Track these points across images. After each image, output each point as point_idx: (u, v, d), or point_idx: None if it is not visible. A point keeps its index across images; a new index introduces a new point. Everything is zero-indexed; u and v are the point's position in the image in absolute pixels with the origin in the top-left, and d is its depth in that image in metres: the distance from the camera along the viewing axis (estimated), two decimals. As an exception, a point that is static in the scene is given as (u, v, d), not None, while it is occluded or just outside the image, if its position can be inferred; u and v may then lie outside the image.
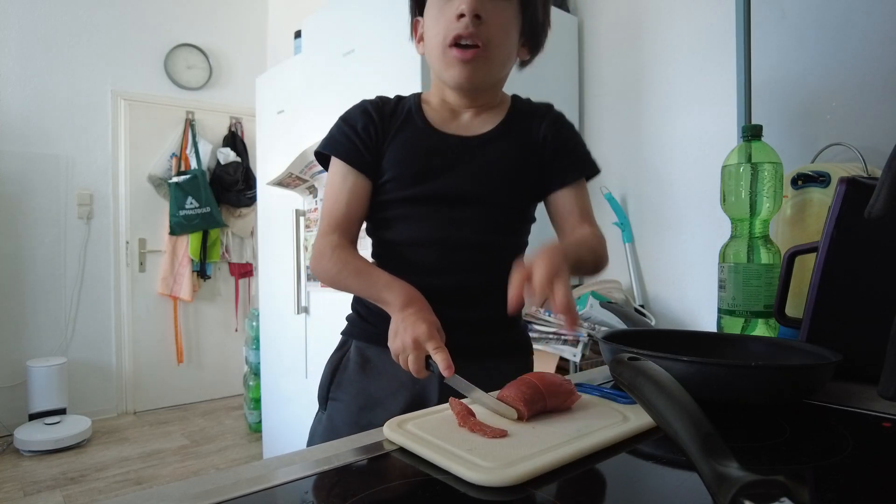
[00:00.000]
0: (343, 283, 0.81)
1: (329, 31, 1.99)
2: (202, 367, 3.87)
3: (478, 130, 0.86)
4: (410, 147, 0.84)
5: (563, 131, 0.90)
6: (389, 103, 0.88)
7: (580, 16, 1.94)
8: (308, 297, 2.19)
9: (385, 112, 0.86)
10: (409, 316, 0.70)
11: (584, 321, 1.51)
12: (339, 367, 0.88)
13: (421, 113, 0.87)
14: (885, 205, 0.56)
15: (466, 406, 0.55)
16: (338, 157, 0.84)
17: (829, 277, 0.76)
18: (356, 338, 0.88)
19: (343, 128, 0.86)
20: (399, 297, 0.73)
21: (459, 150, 0.84)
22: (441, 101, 0.87)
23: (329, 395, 0.88)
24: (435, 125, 0.85)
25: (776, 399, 0.61)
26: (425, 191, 0.82)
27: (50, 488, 2.50)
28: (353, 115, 0.86)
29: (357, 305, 0.91)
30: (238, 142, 3.92)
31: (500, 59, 0.82)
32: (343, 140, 0.85)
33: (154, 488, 0.42)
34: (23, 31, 3.24)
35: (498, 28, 0.79)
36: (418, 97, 0.90)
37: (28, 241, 3.28)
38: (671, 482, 0.45)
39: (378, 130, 0.84)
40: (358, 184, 0.84)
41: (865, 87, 1.10)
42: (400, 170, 0.83)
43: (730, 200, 0.96)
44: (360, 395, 0.84)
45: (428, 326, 0.67)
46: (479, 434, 0.50)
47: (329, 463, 0.47)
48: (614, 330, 0.86)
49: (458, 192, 0.82)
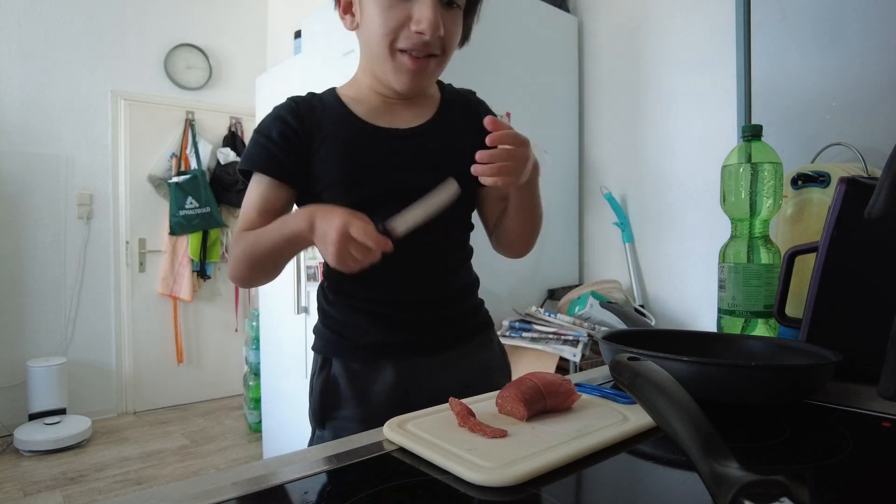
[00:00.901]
0: (252, 256, 0.75)
1: (329, 31, 1.99)
2: (202, 367, 3.87)
3: (415, 121, 0.82)
4: (344, 146, 0.78)
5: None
6: (304, 103, 0.82)
7: (580, 16, 1.94)
8: (308, 298, 2.19)
9: (301, 112, 0.80)
10: (319, 223, 0.66)
11: (584, 321, 1.51)
12: (328, 389, 0.84)
13: (348, 109, 0.81)
14: (885, 205, 0.56)
15: (466, 406, 0.55)
16: (255, 170, 0.79)
17: (829, 277, 0.76)
18: (335, 355, 0.84)
19: (259, 140, 0.80)
20: (301, 219, 0.69)
21: (397, 144, 0.80)
22: (371, 92, 0.82)
23: (326, 416, 0.84)
24: (365, 119, 0.80)
25: (776, 399, 0.61)
26: (368, 191, 0.77)
27: (50, 488, 2.50)
28: (267, 125, 0.80)
29: (326, 320, 0.86)
30: (238, 142, 3.91)
31: (446, 63, 0.80)
32: (258, 151, 0.79)
33: (154, 488, 0.42)
34: (23, 31, 3.24)
35: (452, 36, 0.76)
36: (334, 92, 0.84)
37: (28, 241, 3.28)
38: (671, 482, 0.45)
39: (297, 133, 0.78)
40: (270, 189, 0.78)
41: (865, 87, 1.10)
42: (336, 172, 0.78)
43: (730, 200, 0.96)
44: (360, 407, 0.82)
45: (340, 215, 0.63)
46: (478, 434, 0.50)
47: (329, 463, 0.47)
48: (614, 330, 0.86)
49: (404, 187, 0.75)
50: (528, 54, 1.81)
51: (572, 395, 0.59)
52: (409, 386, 0.82)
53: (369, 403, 0.82)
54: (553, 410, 0.57)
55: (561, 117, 1.92)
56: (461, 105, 0.88)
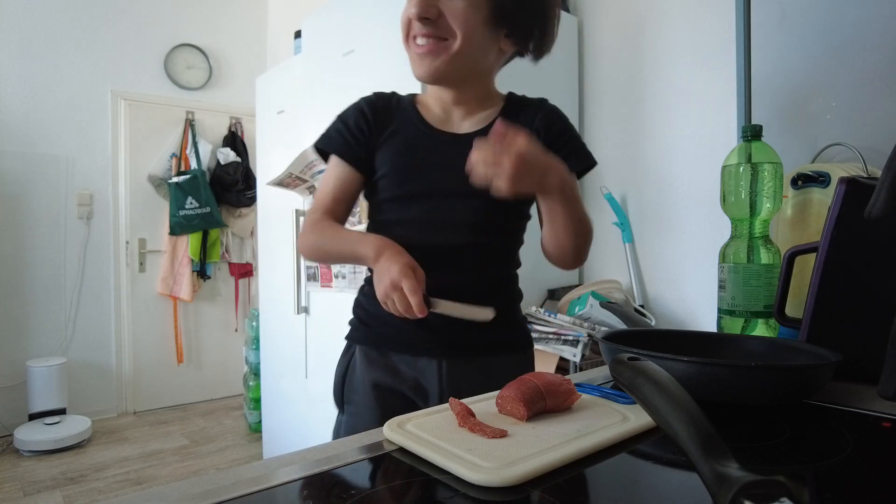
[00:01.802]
0: (323, 250, 0.85)
1: (329, 31, 1.99)
2: (202, 367, 3.87)
3: (472, 128, 0.87)
4: (404, 144, 0.86)
5: (557, 123, 0.89)
6: (384, 99, 0.90)
7: (580, 16, 1.94)
8: (308, 297, 2.19)
9: (378, 108, 0.88)
10: (383, 262, 0.73)
11: (584, 321, 1.51)
12: (349, 371, 0.91)
13: (416, 111, 0.88)
14: (885, 205, 0.56)
15: (466, 406, 0.55)
16: (329, 151, 0.88)
17: (829, 277, 0.76)
18: (359, 342, 0.91)
19: (337, 124, 0.89)
20: (372, 248, 0.76)
21: (452, 148, 0.83)
22: (435, 99, 0.89)
23: (344, 399, 0.92)
24: (428, 122, 0.87)
25: (776, 399, 0.61)
26: (415, 187, 0.84)
27: (50, 488, 2.50)
28: (348, 112, 0.89)
29: (358, 310, 0.93)
30: (238, 142, 3.92)
31: (468, 50, 0.79)
32: (335, 135, 0.88)
33: (154, 488, 0.42)
34: (23, 31, 3.24)
35: (458, 19, 0.77)
36: (414, 96, 0.91)
37: (28, 241, 3.28)
38: (671, 482, 0.45)
39: (371, 126, 0.86)
40: (345, 173, 0.87)
41: (865, 87, 1.10)
42: (392, 166, 0.85)
43: (730, 200, 0.96)
44: (371, 394, 0.87)
45: (401, 267, 0.70)
46: (478, 434, 0.50)
47: (329, 463, 0.47)
48: (614, 330, 0.86)
49: (452, 188, 0.82)
50: (528, 54, 1.81)
51: (572, 395, 0.59)
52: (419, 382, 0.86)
53: (380, 392, 0.87)
54: (553, 410, 0.57)
55: (561, 117, 1.92)
56: (521, 112, 0.88)
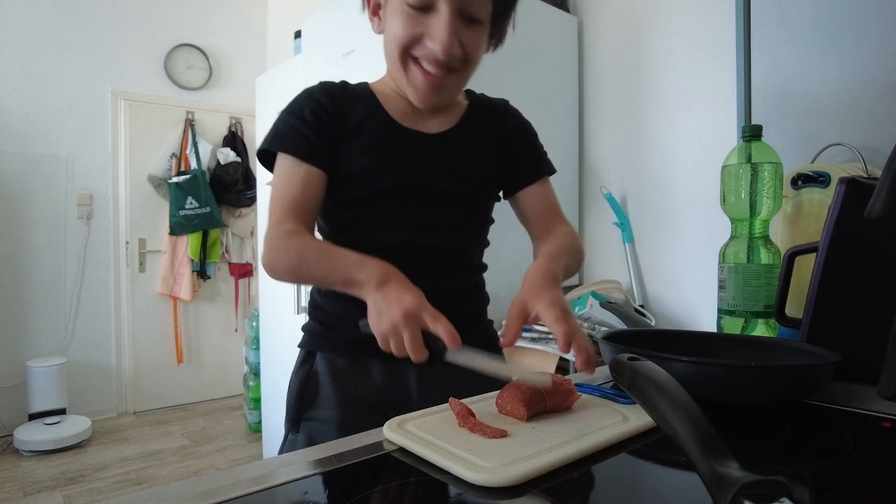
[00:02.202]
0: (304, 271, 0.72)
1: (329, 31, 1.99)
2: (202, 367, 3.87)
3: (439, 127, 0.82)
4: (372, 141, 0.78)
5: (527, 129, 0.90)
6: (338, 87, 0.81)
7: (580, 16, 1.94)
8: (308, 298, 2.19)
9: (336, 96, 0.78)
10: (391, 291, 0.60)
11: (584, 321, 1.51)
12: (308, 385, 0.81)
13: (379, 105, 0.80)
14: (885, 205, 0.56)
15: (466, 406, 0.55)
16: (286, 153, 0.75)
17: (829, 277, 0.76)
18: (321, 349, 0.82)
19: (288, 119, 0.77)
20: (374, 273, 0.63)
21: (420, 146, 0.79)
22: (396, 93, 0.81)
23: (301, 417, 0.81)
24: (393, 117, 0.80)
25: (776, 399, 0.61)
26: (386, 185, 0.77)
27: (50, 488, 2.50)
28: (299, 104, 0.77)
29: (316, 312, 0.84)
30: (238, 142, 3.91)
31: (470, 75, 0.78)
32: (289, 133, 0.75)
33: (154, 488, 0.42)
34: (23, 31, 3.24)
35: (472, 52, 0.74)
36: (368, 86, 0.83)
37: (28, 241, 3.28)
38: (671, 482, 0.45)
39: (330, 115, 0.76)
40: (311, 171, 0.75)
41: (865, 87, 1.10)
42: (360, 163, 0.76)
43: (730, 200, 0.96)
44: (339, 408, 0.78)
45: (415, 297, 0.59)
46: (478, 434, 0.50)
47: (329, 463, 0.47)
48: (614, 330, 0.86)
49: (424, 189, 0.78)
50: (528, 54, 1.81)
51: (572, 395, 0.59)
52: (396, 391, 0.78)
53: (350, 405, 0.78)
54: (553, 410, 0.57)
55: (561, 117, 1.92)
56: (488, 113, 0.88)
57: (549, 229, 0.84)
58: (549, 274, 0.67)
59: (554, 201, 0.88)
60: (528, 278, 0.67)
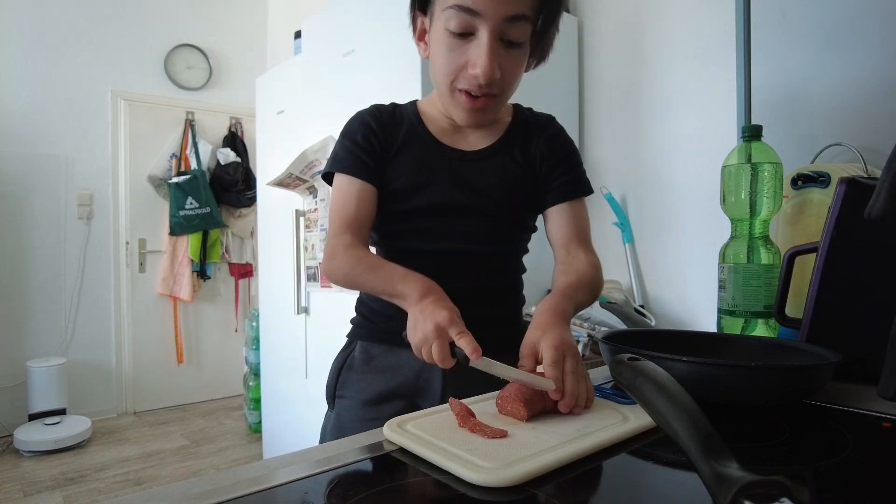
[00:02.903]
0: (357, 280, 0.81)
1: (329, 32, 1.99)
2: (202, 368, 3.87)
3: (479, 144, 0.87)
4: (414, 159, 0.85)
5: (562, 147, 0.90)
6: (387, 111, 0.89)
7: (580, 16, 1.94)
8: (308, 298, 2.19)
9: (384, 121, 0.87)
10: (427, 305, 0.68)
11: (584, 321, 1.51)
12: (345, 366, 0.90)
13: (423, 125, 0.87)
14: (885, 205, 0.56)
15: (466, 406, 0.55)
16: (343, 173, 0.85)
17: (829, 277, 0.76)
18: (361, 338, 0.91)
19: (344, 143, 0.86)
20: (416, 288, 0.71)
21: (460, 164, 0.85)
22: (440, 112, 0.88)
23: (336, 394, 0.91)
24: (437, 137, 0.87)
25: (776, 399, 0.61)
26: (424, 202, 0.84)
27: (50, 489, 2.50)
28: (352, 128, 0.87)
29: (361, 308, 0.93)
30: (238, 142, 3.92)
31: (510, 95, 0.83)
32: (345, 155, 0.85)
33: (154, 488, 0.42)
34: (23, 32, 3.25)
35: (512, 76, 0.78)
36: (415, 106, 0.90)
37: (28, 241, 3.28)
38: (671, 482, 0.45)
39: (379, 138, 0.85)
40: (365, 188, 0.84)
41: (865, 87, 1.10)
42: (404, 181, 0.84)
43: (730, 201, 0.96)
44: (364, 391, 0.86)
45: (448, 313, 0.66)
46: (479, 434, 0.51)
47: (329, 463, 0.47)
48: (614, 330, 0.86)
49: (459, 204, 0.84)
50: (528, 54, 1.81)
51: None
52: (423, 376, 0.84)
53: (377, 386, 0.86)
54: (553, 410, 0.57)
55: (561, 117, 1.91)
56: (528, 130, 0.90)
57: (570, 255, 0.85)
58: (558, 312, 0.71)
59: (581, 225, 0.87)
60: (536, 316, 0.71)
